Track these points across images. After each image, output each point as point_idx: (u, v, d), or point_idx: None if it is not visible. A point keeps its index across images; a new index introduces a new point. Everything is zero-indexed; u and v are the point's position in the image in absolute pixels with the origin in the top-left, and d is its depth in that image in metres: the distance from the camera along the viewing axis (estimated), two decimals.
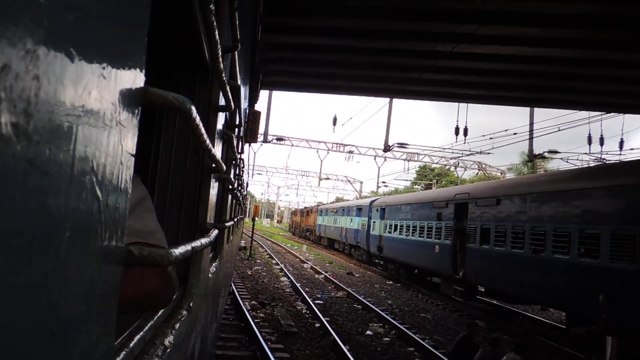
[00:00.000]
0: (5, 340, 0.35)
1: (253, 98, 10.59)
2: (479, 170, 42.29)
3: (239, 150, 5.15)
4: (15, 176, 0.35)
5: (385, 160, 40.46)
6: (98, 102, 0.51)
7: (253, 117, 11.40)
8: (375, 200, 28.46)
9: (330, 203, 49.78)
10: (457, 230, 15.44)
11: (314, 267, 24.38)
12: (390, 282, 21.00)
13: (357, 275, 23.21)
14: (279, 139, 28.85)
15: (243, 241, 35.77)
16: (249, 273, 19.86)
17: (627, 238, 8.49)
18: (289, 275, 19.83)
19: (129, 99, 0.64)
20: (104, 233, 0.57)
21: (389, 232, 22.75)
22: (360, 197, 49.08)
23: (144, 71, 0.71)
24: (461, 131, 21.86)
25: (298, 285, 17.22)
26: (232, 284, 14.28)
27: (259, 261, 25.34)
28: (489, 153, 28.66)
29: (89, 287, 0.54)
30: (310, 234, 50.32)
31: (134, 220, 1.18)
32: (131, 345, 0.97)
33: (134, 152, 0.70)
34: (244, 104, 5.78)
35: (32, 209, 0.38)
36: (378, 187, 47.14)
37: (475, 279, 14.17)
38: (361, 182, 59.89)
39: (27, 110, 0.36)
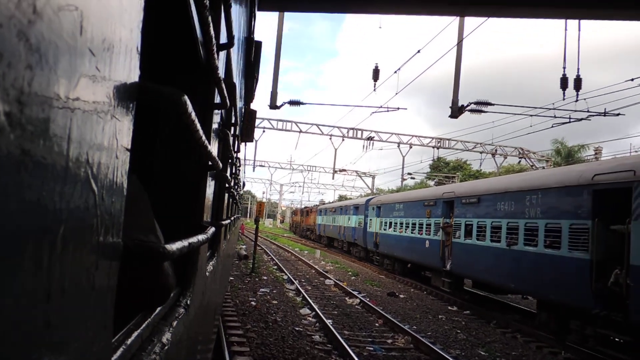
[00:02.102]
0: (0, 331, 0.35)
1: (249, 97, 10.57)
2: (520, 157, 34.39)
3: (235, 149, 5.14)
4: (10, 165, 0.35)
5: (410, 147, 32.78)
6: (92, 94, 0.51)
7: (249, 116, 11.38)
8: (372, 198, 29.13)
9: (329, 203, 50.02)
10: (445, 226, 16.67)
11: (339, 283, 17.84)
12: (454, 309, 14.70)
13: (402, 296, 16.41)
14: (293, 103, 18.29)
15: (244, 245, 30.77)
16: (253, 304, 12.76)
17: (582, 231, 9.70)
18: (311, 301, 13.38)
19: (124, 92, 0.64)
20: (99, 227, 0.57)
21: (384, 230, 23.60)
22: (373, 194, 44.44)
23: (138, 65, 0.71)
24: (570, 83, 13.21)
25: (329, 323, 10.81)
26: (226, 332, 9.28)
27: (265, 278, 18.16)
28: (617, 114, 17.89)
29: (85, 281, 0.54)
30: (311, 233, 51.17)
31: (130, 217, 1.18)
32: (129, 342, 0.96)
33: (129, 147, 0.70)
34: (240, 103, 5.77)
35: (26, 200, 0.38)
36: (403, 179, 38.91)
37: (461, 270, 15.45)
38: (373, 177, 50.44)
39: (20, 99, 0.36)
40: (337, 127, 31.96)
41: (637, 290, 8.17)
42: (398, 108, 20.92)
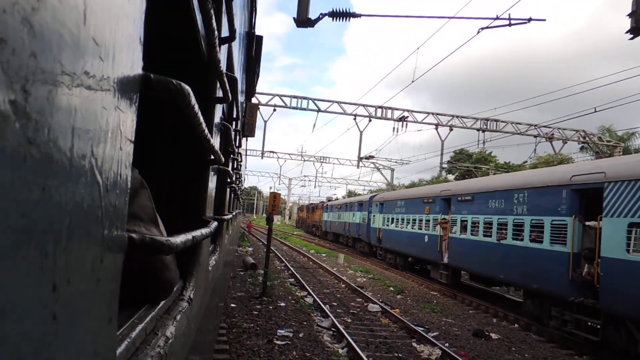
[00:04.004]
0: (6, 319, 0.35)
1: (250, 92, 10.56)
2: (581, 143, 28.43)
3: (237, 144, 5.13)
4: (15, 153, 0.35)
5: (451, 130, 27.17)
6: (96, 84, 0.51)
7: (250, 111, 11.38)
8: (375, 195, 29.85)
9: (335, 200, 50.67)
10: (441, 222, 17.67)
11: (388, 308, 12.59)
12: None
13: (494, 336, 10.91)
14: (338, 14, 10.10)
15: (250, 247, 27.47)
16: None
17: (561, 226, 10.79)
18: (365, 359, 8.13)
19: (127, 83, 0.64)
20: (104, 218, 0.57)
21: (387, 225, 24.47)
22: (391, 188, 41.22)
23: (141, 56, 0.70)
24: None
25: None
26: None
27: (282, 305, 12.12)
28: None
29: (90, 273, 0.53)
30: (317, 230, 52.27)
31: (133, 209, 1.17)
32: (133, 335, 0.96)
33: (132, 139, 0.70)
34: (241, 98, 5.76)
35: (31, 190, 0.38)
36: (441, 167, 32.00)
37: (457, 264, 16.45)
38: (392, 170, 43.62)
39: (25, 87, 0.36)
40: (362, 105, 26.51)
41: (606, 279, 9.17)
42: (529, 19, 12.03)
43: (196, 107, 0.98)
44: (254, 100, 20.47)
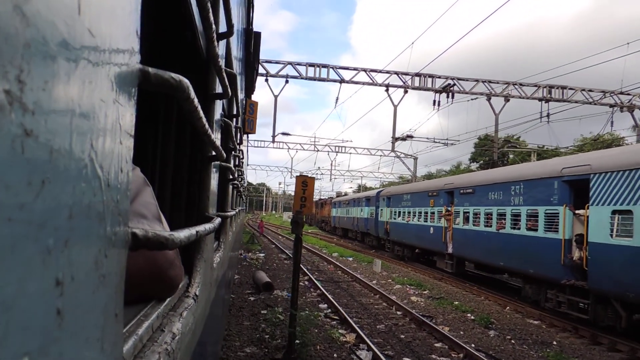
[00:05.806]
0: (9, 314, 0.34)
1: (250, 89, 10.54)
2: None
3: (238, 141, 5.13)
4: (13, 145, 0.34)
5: (507, 101, 21.80)
6: (93, 76, 0.50)
7: (250, 108, 11.36)
8: (382, 190, 30.68)
9: (343, 195, 51.55)
10: (446, 213, 18.40)
11: None
12: None
13: None
14: None
15: (261, 251, 23.23)
16: None
17: (554, 215, 11.63)
18: None
19: (125, 76, 0.63)
20: (106, 213, 0.56)
21: (394, 219, 25.30)
22: (415, 179, 36.86)
23: (138, 49, 0.69)
24: None
25: None
26: None
27: None
28: None
29: (94, 269, 0.53)
30: (326, 225, 53.05)
31: (136, 206, 1.17)
32: (139, 332, 0.96)
33: (132, 133, 0.69)
34: (241, 95, 5.75)
35: (31, 182, 0.37)
36: (497, 147, 25.87)
37: (461, 253, 17.27)
38: (415, 158, 36.03)
39: (20, 77, 0.35)
40: (395, 72, 21.23)
41: (593, 262, 10.03)
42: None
43: (196, 101, 0.97)
44: (261, 71, 19.49)
